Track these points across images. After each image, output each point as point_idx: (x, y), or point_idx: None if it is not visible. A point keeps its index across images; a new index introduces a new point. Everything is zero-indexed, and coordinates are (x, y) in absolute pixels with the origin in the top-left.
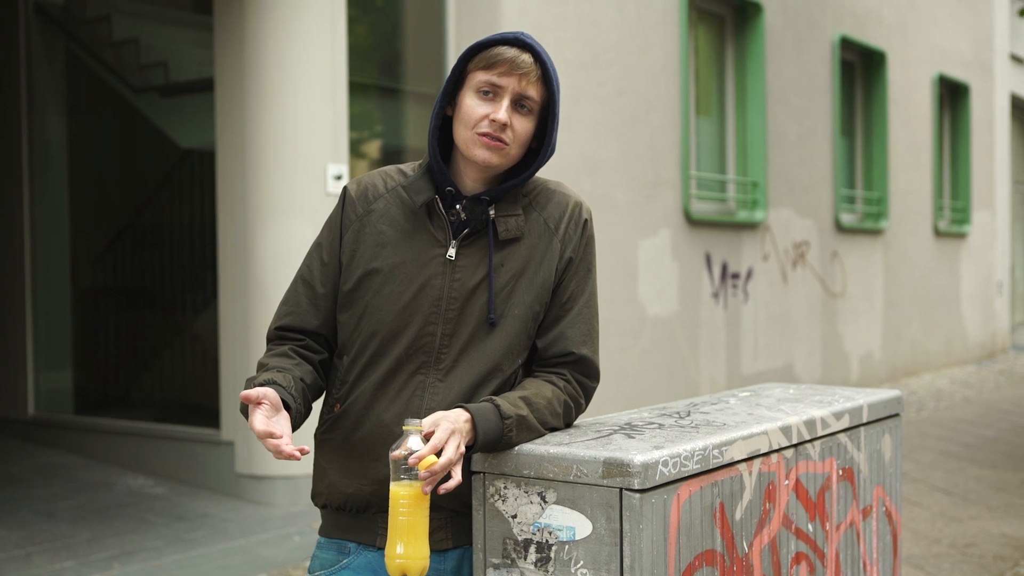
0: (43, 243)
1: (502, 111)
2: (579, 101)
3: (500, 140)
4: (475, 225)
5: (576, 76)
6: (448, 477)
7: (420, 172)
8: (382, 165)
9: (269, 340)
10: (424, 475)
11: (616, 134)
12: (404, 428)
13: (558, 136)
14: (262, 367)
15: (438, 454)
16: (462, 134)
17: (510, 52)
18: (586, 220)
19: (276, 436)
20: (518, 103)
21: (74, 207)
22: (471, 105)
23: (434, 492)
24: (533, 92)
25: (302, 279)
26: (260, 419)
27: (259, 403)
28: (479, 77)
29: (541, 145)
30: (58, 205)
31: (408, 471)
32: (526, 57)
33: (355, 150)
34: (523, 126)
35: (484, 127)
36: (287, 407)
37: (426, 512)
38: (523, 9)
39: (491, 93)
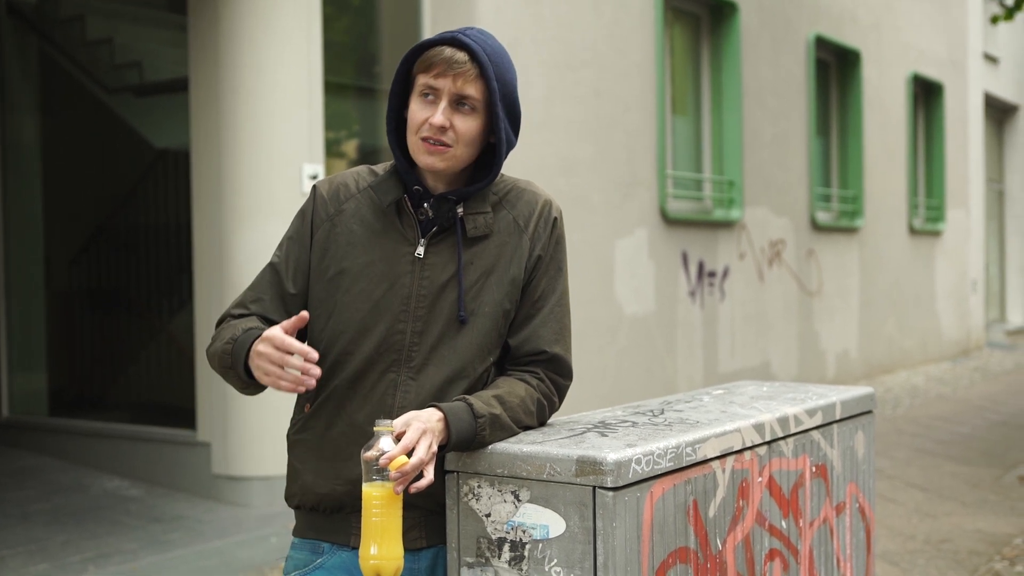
0: (17, 244)
1: (438, 114)
2: (555, 101)
3: (441, 144)
4: (443, 223)
5: (552, 76)
6: (420, 476)
7: (389, 171)
8: (358, 165)
9: (225, 319)
10: (395, 476)
11: (592, 134)
12: (375, 429)
13: (534, 135)
14: (229, 332)
15: (410, 454)
16: (410, 140)
17: (446, 52)
18: (556, 219)
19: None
20: (458, 103)
21: (48, 208)
22: (414, 110)
23: (407, 491)
24: (472, 90)
25: (272, 268)
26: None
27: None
28: (420, 80)
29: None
30: (32, 206)
31: (380, 472)
32: (461, 55)
33: (331, 150)
34: (466, 125)
35: (425, 131)
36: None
37: (399, 512)
38: (499, 9)
39: (431, 95)
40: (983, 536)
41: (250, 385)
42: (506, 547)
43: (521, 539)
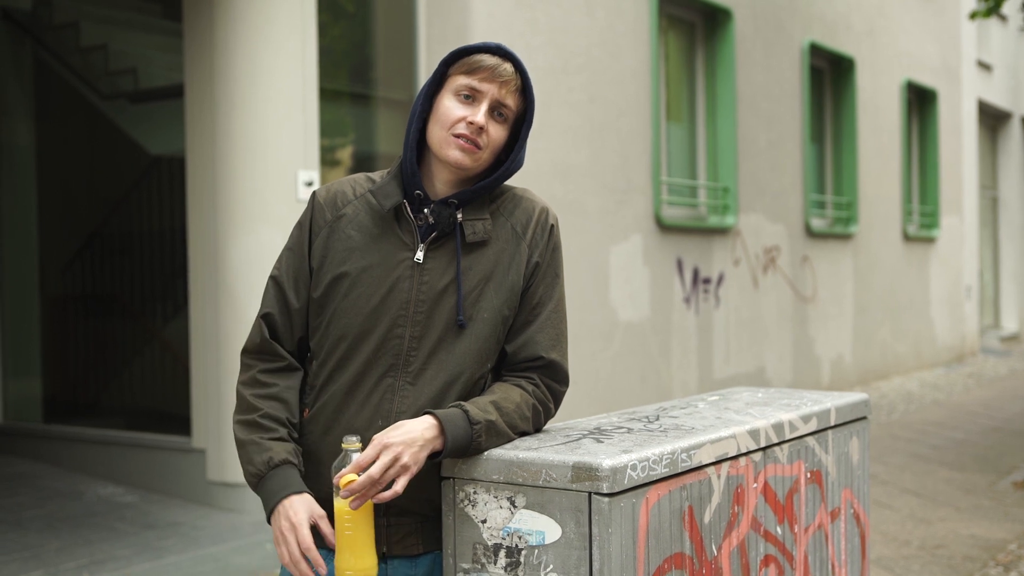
0: (11, 250)
1: (480, 114)
2: (549, 107)
3: (475, 143)
4: (443, 228)
5: (546, 82)
6: (391, 486)
7: (389, 177)
8: (353, 171)
9: (244, 354)
10: (344, 494)
11: (587, 140)
12: (343, 447)
13: (529, 142)
14: (256, 414)
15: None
16: (437, 134)
17: (492, 60)
18: (552, 226)
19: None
20: (495, 110)
21: (42, 214)
22: (449, 107)
23: (401, 498)
24: (511, 101)
25: (274, 282)
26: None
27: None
28: (459, 81)
29: (510, 154)
30: (26, 212)
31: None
32: (508, 66)
33: (326, 157)
34: (498, 133)
35: (460, 128)
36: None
37: (369, 523)
38: (492, 15)
39: (471, 97)
40: (978, 542)
41: None
42: (502, 553)
43: (517, 545)
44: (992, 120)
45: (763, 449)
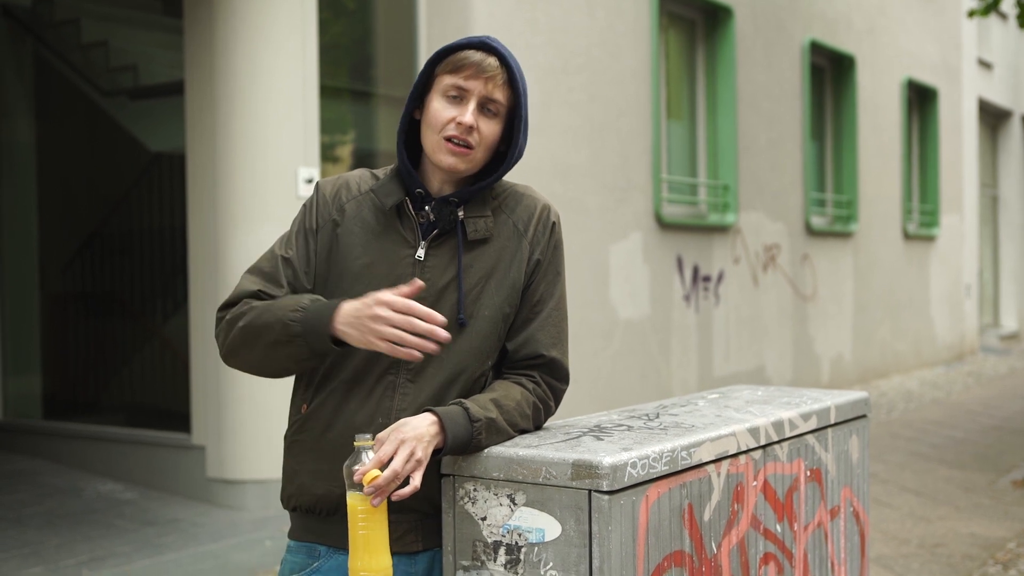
0: (11, 247)
1: (468, 114)
2: (550, 106)
3: (466, 144)
4: (444, 226)
5: (546, 81)
6: (406, 483)
7: (390, 175)
8: (354, 168)
9: (239, 301)
10: (369, 491)
11: (587, 139)
12: (355, 444)
13: (529, 141)
14: (287, 303)
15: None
16: (430, 138)
17: (476, 56)
18: (554, 223)
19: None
20: (484, 106)
21: (43, 211)
22: (438, 109)
23: (391, 499)
24: (499, 95)
25: (287, 263)
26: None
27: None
28: (446, 81)
29: (509, 148)
30: (26, 209)
31: (358, 485)
32: (492, 60)
33: (326, 154)
34: (490, 129)
35: (451, 130)
36: None
37: (384, 522)
38: (493, 14)
39: (458, 96)
40: (977, 540)
41: (309, 359)
42: (502, 550)
43: (517, 542)
44: (992, 118)
45: (763, 447)
